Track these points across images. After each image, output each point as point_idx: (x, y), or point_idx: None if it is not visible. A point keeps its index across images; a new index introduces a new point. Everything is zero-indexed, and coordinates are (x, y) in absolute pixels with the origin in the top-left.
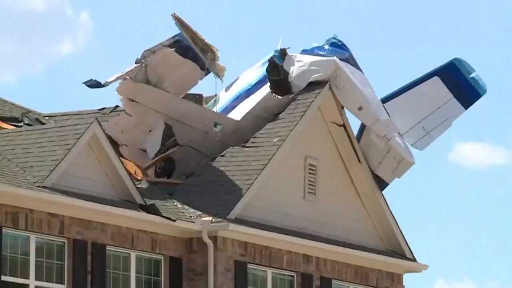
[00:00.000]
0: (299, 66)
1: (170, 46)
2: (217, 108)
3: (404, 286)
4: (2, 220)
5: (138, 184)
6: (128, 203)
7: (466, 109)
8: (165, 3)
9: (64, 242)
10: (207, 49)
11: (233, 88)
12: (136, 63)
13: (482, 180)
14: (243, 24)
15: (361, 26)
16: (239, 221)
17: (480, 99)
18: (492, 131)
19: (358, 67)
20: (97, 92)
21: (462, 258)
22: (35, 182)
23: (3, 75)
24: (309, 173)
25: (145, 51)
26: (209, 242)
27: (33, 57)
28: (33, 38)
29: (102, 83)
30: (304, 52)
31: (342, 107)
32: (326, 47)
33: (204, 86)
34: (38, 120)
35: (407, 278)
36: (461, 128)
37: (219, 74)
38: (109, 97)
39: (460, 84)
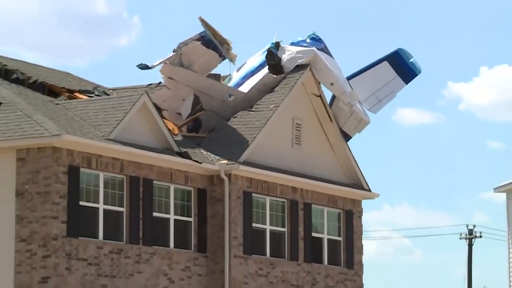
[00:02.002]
0: (289, 54)
1: (197, 39)
2: (231, 84)
3: (362, 208)
4: (80, 162)
5: (175, 137)
6: (168, 150)
7: (406, 84)
8: (193, 9)
9: (123, 178)
10: (223, 42)
11: (242, 69)
12: (173, 51)
13: (415, 134)
14: (249, 24)
15: (332, 25)
16: (246, 163)
17: (416, 77)
18: (422, 100)
19: (330, 55)
20: (146, 73)
21: (403, 188)
22: (102, 136)
23: (79, 60)
24: (296, 129)
25: (180, 43)
26: (225, 178)
27: (99, 47)
28: (99, 34)
29: (150, 66)
30: (292, 44)
31: (319, 83)
32: (308, 40)
33: (221, 68)
34: (105, 92)
35: (364, 203)
36: (402, 97)
37: (232, 60)
38: (155, 76)
39: (402, 66)
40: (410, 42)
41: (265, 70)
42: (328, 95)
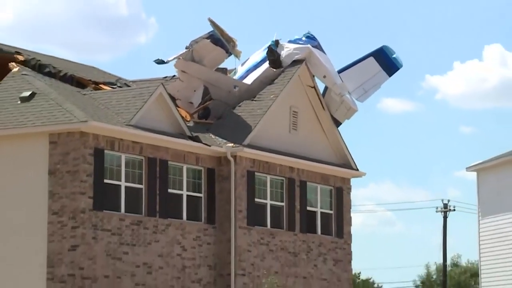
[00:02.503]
0: (287, 50)
1: (207, 38)
2: (236, 76)
3: (351, 185)
4: (104, 145)
5: (188, 123)
6: (181, 135)
7: (390, 77)
8: (203, 11)
9: (142, 159)
10: (230, 40)
11: (246, 64)
12: (186, 48)
13: (397, 120)
14: (252, 24)
15: (325, 25)
16: (250, 146)
17: (398, 71)
18: (403, 91)
19: (323, 51)
20: (162, 67)
21: (386, 168)
22: (124, 122)
23: (103, 56)
24: (293, 116)
25: (192, 41)
26: (231, 159)
27: (121, 45)
28: (120, 33)
29: (165, 61)
30: (289, 42)
31: (313, 76)
32: (303, 38)
33: (228, 63)
34: (126, 83)
35: (352, 181)
36: (386, 89)
37: (237, 56)
38: (170, 70)
39: (386, 61)
40: (393, 40)
41: (266, 64)
42: (321, 87)
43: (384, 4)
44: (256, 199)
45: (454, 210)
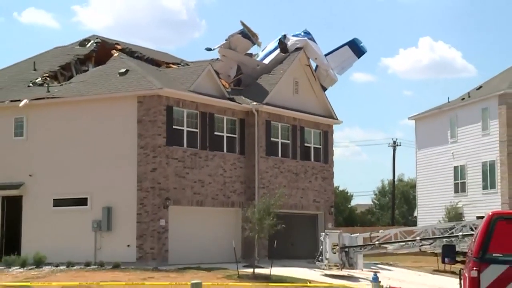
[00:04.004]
0: (291, 41)
1: (239, 33)
2: (258, 58)
3: (333, 129)
4: (173, 103)
5: (227, 89)
6: (223, 96)
7: (358, 58)
8: (236, 15)
9: (197, 112)
10: (254, 35)
11: (264, 50)
12: (225, 40)
13: (363, 87)
14: (268, 23)
15: (316, 24)
16: (267, 104)
17: (364, 54)
18: (367, 68)
19: (315, 41)
20: (210, 53)
21: (356, 118)
22: (186, 88)
23: (171, 46)
24: (295, 85)
25: (229, 35)
26: (255, 113)
27: (183, 38)
28: (182, 31)
29: (212, 49)
30: (293, 35)
31: (308, 58)
32: (302, 33)
33: (253, 50)
34: (186, 63)
35: (334, 126)
36: (356, 66)
37: (259, 45)
38: (214, 54)
39: (356, 48)
40: (361, 34)
41: (278, 50)
42: (313, 65)
43: (356, 11)
44: (272, 138)
45: (400, 145)
